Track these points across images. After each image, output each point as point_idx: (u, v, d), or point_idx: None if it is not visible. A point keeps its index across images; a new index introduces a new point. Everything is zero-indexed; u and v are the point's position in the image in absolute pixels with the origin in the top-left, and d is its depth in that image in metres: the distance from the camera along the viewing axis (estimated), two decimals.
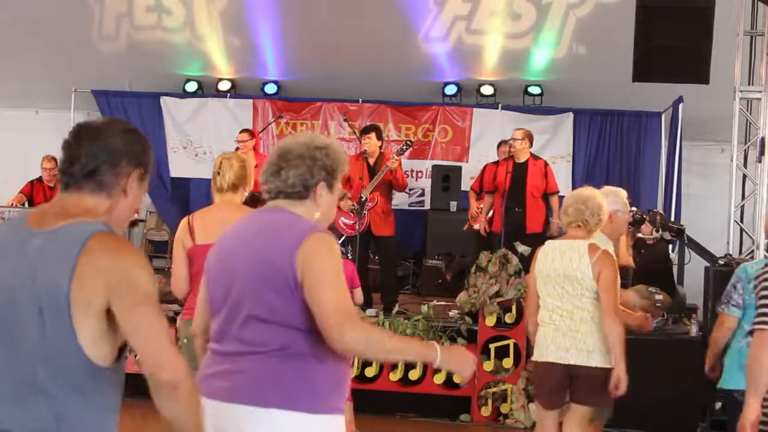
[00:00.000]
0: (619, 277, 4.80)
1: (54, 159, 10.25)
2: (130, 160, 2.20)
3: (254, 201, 7.26)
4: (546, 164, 8.87)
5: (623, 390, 4.62)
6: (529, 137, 8.76)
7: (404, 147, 8.87)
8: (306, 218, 2.72)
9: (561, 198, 7.87)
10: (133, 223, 9.86)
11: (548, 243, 5.00)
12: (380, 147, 8.60)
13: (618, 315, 4.67)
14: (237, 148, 9.30)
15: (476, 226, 9.10)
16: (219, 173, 4.62)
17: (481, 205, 9.02)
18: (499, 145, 10.00)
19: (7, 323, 2.05)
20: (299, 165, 2.74)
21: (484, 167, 9.27)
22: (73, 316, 2.00)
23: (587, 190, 4.88)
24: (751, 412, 2.99)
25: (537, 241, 7.93)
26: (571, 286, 4.70)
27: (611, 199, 5.10)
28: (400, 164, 8.66)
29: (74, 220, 2.09)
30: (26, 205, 9.98)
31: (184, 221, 4.58)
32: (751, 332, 3.15)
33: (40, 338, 2.01)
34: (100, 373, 2.05)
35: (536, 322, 4.85)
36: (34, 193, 10.22)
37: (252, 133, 9.44)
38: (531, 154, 8.75)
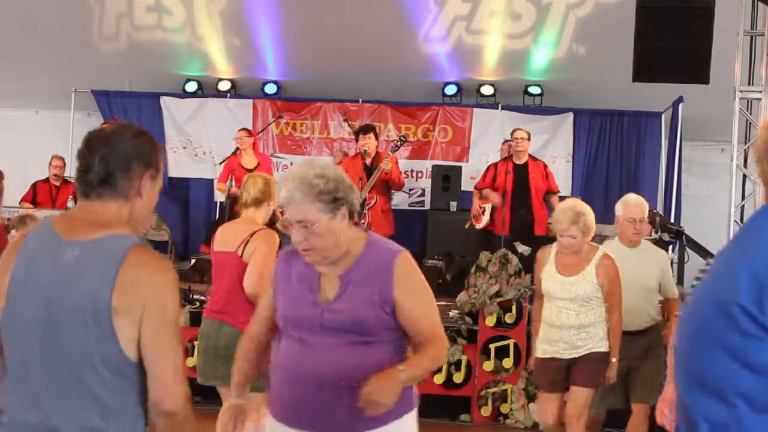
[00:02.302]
0: None
1: (62, 158, 10.25)
2: (141, 162, 2.30)
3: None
4: (545, 165, 8.87)
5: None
6: (530, 137, 8.80)
7: (398, 143, 8.87)
8: None
9: (561, 198, 7.87)
10: None
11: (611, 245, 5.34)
12: (377, 146, 8.63)
13: None
14: (237, 148, 9.30)
15: (478, 225, 9.09)
16: (244, 190, 4.91)
17: (484, 205, 8.99)
18: (504, 144, 10.02)
19: (50, 331, 2.17)
20: None
21: (489, 166, 9.23)
22: (113, 321, 2.13)
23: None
24: (667, 392, 3.39)
25: (542, 243, 7.95)
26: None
27: (617, 206, 5.62)
28: (396, 163, 8.64)
29: (111, 232, 2.21)
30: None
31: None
32: None
33: (84, 344, 2.14)
34: (138, 368, 2.19)
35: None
36: (38, 195, 10.21)
37: (250, 132, 9.56)
38: (529, 155, 8.75)
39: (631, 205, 5.47)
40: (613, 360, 4.95)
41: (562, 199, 7.99)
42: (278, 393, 2.87)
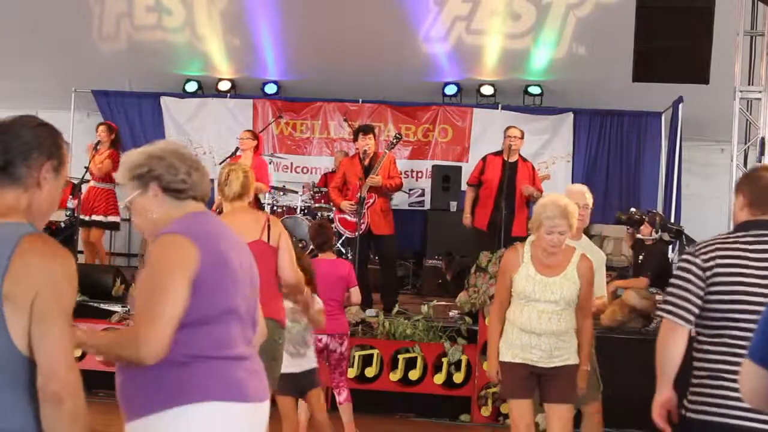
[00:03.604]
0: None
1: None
2: (41, 151, 2.25)
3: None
4: (533, 167, 8.78)
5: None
6: (524, 135, 8.72)
7: (394, 141, 8.83)
8: None
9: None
10: (112, 225, 9.73)
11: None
12: (376, 147, 8.62)
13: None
14: (237, 148, 9.27)
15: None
16: (227, 184, 4.85)
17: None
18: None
19: None
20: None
21: (479, 160, 9.07)
22: (4, 310, 2.06)
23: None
24: (661, 395, 3.23)
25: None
26: None
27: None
28: (393, 161, 8.60)
29: (4, 220, 2.15)
30: None
31: None
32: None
33: None
34: (29, 363, 2.10)
35: None
36: None
37: (255, 135, 9.37)
38: (519, 155, 8.67)
39: (574, 192, 5.27)
40: (584, 368, 4.71)
41: None
42: None
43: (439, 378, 7.21)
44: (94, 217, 9.31)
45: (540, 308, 4.61)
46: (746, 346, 2.96)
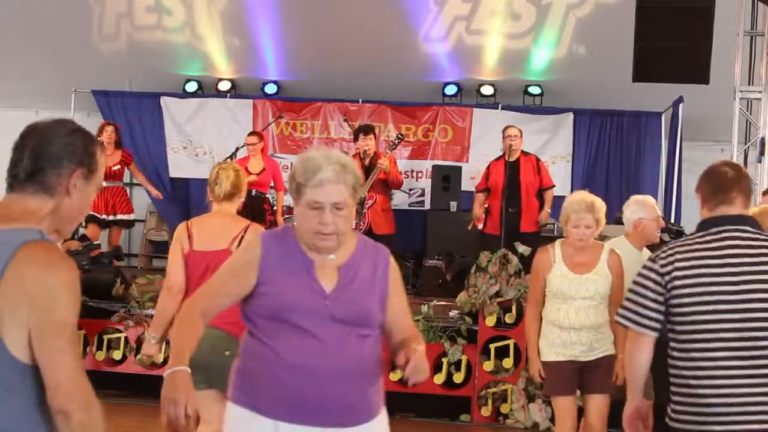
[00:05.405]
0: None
1: None
2: (72, 159, 2.20)
3: (256, 202, 7.19)
4: (537, 159, 8.81)
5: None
6: (522, 134, 8.76)
7: (396, 141, 8.85)
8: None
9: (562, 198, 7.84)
10: (131, 223, 9.86)
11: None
12: (376, 147, 8.63)
13: None
14: (237, 148, 9.27)
15: (480, 226, 9.08)
16: (216, 183, 4.67)
17: (486, 205, 8.95)
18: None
19: None
20: None
21: (485, 168, 9.20)
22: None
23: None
24: (631, 404, 3.24)
25: (532, 240, 7.94)
26: None
27: (633, 208, 5.51)
28: (394, 162, 8.61)
29: (13, 225, 2.09)
30: None
31: (182, 225, 4.66)
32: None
33: None
34: (30, 371, 2.06)
35: None
36: None
37: (260, 136, 9.35)
38: (522, 151, 8.71)
39: (651, 205, 5.50)
40: (621, 356, 4.73)
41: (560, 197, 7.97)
42: (297, 393, 2.76)
43: (439, 378, 7.21)
44: (120, 217, 9.48)
45: (576, 305, 4.82)
46: (716, 348, 2.97)
